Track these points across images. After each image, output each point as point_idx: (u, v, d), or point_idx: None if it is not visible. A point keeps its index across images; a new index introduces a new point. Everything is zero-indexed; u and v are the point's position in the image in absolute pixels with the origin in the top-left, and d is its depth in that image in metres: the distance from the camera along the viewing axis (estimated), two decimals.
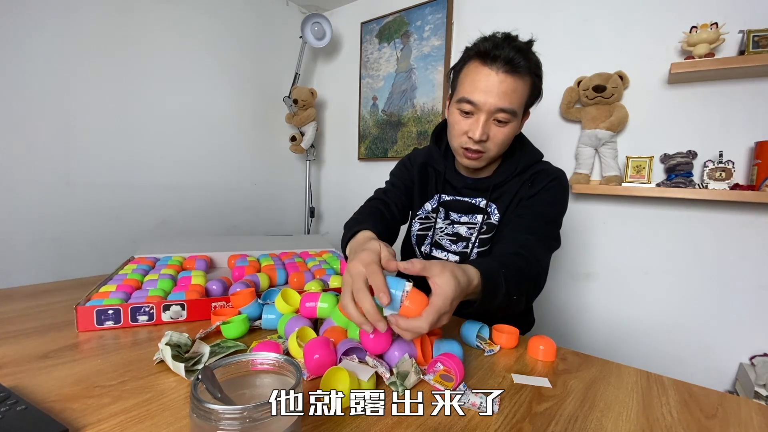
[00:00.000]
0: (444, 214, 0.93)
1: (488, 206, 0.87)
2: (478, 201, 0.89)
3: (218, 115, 1.98)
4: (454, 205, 0.91)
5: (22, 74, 1.37)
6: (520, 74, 0.72)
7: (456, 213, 0.91)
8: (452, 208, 0.91)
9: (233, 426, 0.27)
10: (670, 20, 1.31)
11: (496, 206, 0.87)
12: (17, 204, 1.38)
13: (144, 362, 0.54)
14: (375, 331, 0.51)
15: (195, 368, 0.51)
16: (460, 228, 0.90)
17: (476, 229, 0.88)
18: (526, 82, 0.73)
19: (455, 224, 0.91)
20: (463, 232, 0.90)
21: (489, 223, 0.87)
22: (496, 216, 0.87)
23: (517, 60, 0.70)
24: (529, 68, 0.72)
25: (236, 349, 0.57)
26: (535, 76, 0.75)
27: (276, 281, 0.90)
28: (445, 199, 0.92)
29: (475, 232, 0.88)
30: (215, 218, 1.99)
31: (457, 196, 0.91)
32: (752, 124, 1.21)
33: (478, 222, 0.88)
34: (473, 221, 0.89)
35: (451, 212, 0.92)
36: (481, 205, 0.88)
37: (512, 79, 0.71)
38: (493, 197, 0.87)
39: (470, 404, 0.46)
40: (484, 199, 0.88)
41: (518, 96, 0.73)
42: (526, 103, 0.76)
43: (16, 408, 0.40)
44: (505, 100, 0.72)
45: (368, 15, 2.16)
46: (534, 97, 0.79)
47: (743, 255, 1.24)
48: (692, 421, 0.46)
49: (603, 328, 1.50)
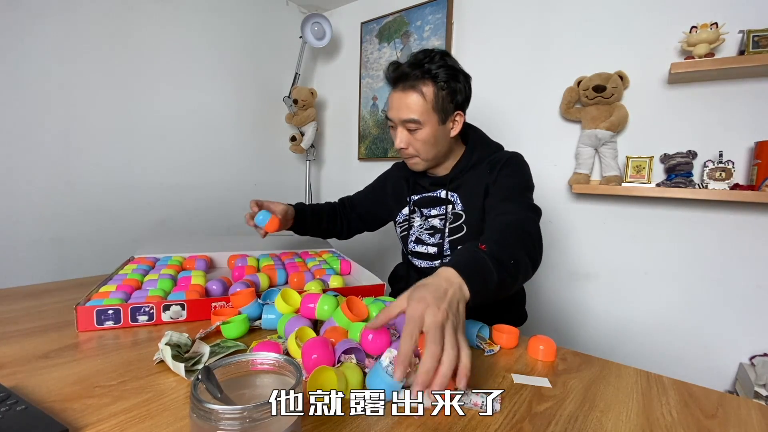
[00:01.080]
0: (419, 213, 1.02)
1: (450, 195, 0.95)
2: (439, 193, 0.98)
3: (218, 114, 1.98)
4: (423, 201, 1.01)
5: (22, 74, 1.37)
6: (415, 86, 0.83)
7: (426, 208, 1.00)
8: (422, 204, 1.01)
9: (233, 426, 0.27)
10: (670, 20, 1.31)
11: (457, 195, 0.95)
12: (17, 204, 1.38)
13: (144, 362, 0.54)
14: (375, 333, 0.52)
15: (195, 368, 0.51)
16: (434, 221, 0.98)
17: (445, 218, 0.96)
18: (426, 90, 0.82)
19: (429, 218, 0.99)
20: (438, 224, 0.97)
21: (455, 213, 0.95)
22: (459, 205, 0.94)
23: (410, 74, 0.83)
24: (425, 77, 0.82)
25: (236, 349, 0.57)
26: (441, 81, 0.82)
27: (276, 281, 0.91)
28: (414, 198, 1.02)
29: (446, 222, 0.96)
30: (215, 218, 1.99)
31: (424, 193, 1.01)
32: (752, 124, 1.21)
33: (448, 212, 0.96)
34: (442, 213, 0.97)
35: (422, 209, 1.01)
36: (441, 195, 0.97)
37: (408, 93, 0.83)
38: (451, 187, 0.95)
39: (472, 404, 0.46)
40: (443, 190, 0.97)
41: (418, 105, 0.83)
42: (436, 107, 0.84)
43: (16, 408, 0.40)
44: (404, 112, 0.84)
45: (368, 15, 2.16)
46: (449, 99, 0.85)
47: (743, 255, 1.24)
48: (692, 421, 0.46)
49: (603, 328, 1.50)
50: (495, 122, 1.70)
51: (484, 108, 1.74)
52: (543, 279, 1.61)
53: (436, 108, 0.84)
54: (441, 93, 0.83)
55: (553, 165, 1.56)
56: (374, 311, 0.62)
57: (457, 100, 0.86)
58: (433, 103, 0.83)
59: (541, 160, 1.58)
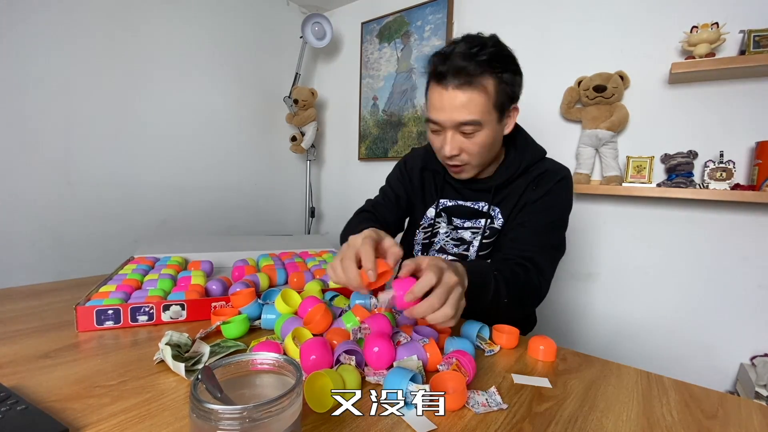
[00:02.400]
0: (447, 219, 0.90)
1: (491, 209, 0.85)
2: (480, 206, 0.86)
3: (218, 114, 1.98)
4: (457, 210, 0.88)
5: (23, 74, 1.37)
6: (473, 82, 0.69)
7: (459, 218, 0.89)
8: (454, 213, 0.89)
9: (233, 426, 0.27)
10: (670, 20, 1.31)
11: (499, 209, 0.85)
12: (18, 203, 1.38)
13: (144, 362, 0.54)
14: (381, 346, 0.51)
15: (195, 368, 0.51)
16: (464, 233, 0.88)
17: (479, 233, 0.86)
18: (486, 85, 0.70)
19: (459, 230, 0.89)
20: (467, 237, 0.88)
21: (492, 228, 0.85)
22: (500, 220, 0.84)
23: (466, 69, 0.69)
24: (484, 70, 0.69)
25: (236, 349, 0.57)
26: (499, 72, 0.71)
27: (276, 281, 0.90)
28: (446, 204, 0.90)
29: (478, 236, 0.87)
30: (215, 218, 1.99)
31: (458, 201, 0.89)
32: (753, 124, 1.21)
33: (482, 227, 0.86)
34: (477, 226, 0.87)
35: (453, 218, 0.89)
36: (483, 209, 0.85)
37: (464, 91, 0.70)
38: (495, 200, 0.85)
39: (478, 404, 0.46)
40: (486, 203, 0.85)
41: (477, 104, 0.70)
42: (497, 103, 0.72)
43: (16, 408, 0.40)
44: (462, 113, 0.71)
45: (369, 15, 2.16)
46: (508, 92, 0.74)
47: (744, 255, 1.24)
48: (692, 421, 0.46)
49: (603, 328, 1.50)
50: None
51: None
52: None
53: (497, 104, 0.72)
54: (502, 86, 0.72)
55: None
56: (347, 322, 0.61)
57: (515, 92, 0.75)
58: (495, 99, 0.71)
59: None
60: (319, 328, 0.59)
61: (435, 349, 0.55)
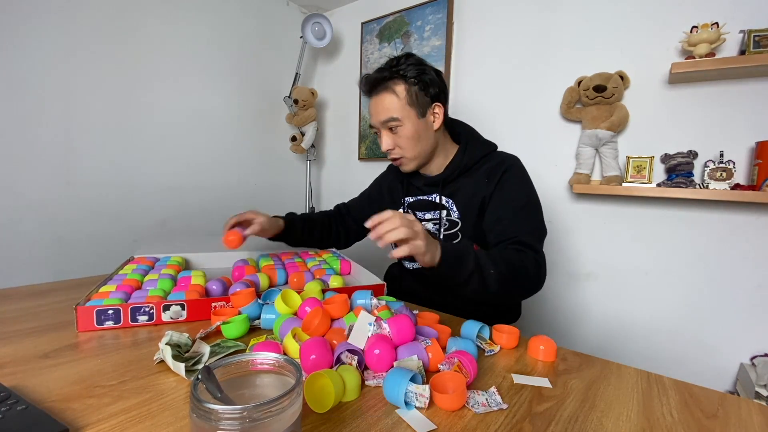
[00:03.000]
0: (413, 214, 0.97)
1: (444, 201, 0.94)
2: (433, 197, 0.97)
3: (218, 114, 1.98)
4: (418, 204, 1.00)
5: (23, 74, 1.37)
6: (386, 88, 0.86)
7: (420, 212, 0.99)
8: (417, 207, 1.00)
9: (233, 426, 0.27)
10: (670, 20, 1.31)
11: (452, 201, 0.94)
12: (18, 204, 1.38)
13: (144, 362, 0.54)
14: (382, 349, 0.51)
15: (195, 368, 0.51)
16: (427, 225, 0.97)
17: (440, 224, 0.95)
18: (397, 88, 0.85)
19: (423, 221, 0.98)
20: (431, 228, 0.97)
21: (450, 220, 0.93)
22: (456, 213, 0.93)
23: (379, 80, 0.86)
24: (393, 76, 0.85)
25: (236, 349, 0.57)
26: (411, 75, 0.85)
27: (276, 281, 0.90)
28: (409, 201, 1.02)
29: (440, 228, 0.95)
30: (215, 218, 1.99)
31: (418, 196, 1.00)
32: (753, 123, 1.21)
33: (442, 218, 0.95)
34: (436, 217, 0.96)
35: (417, 212, 1.00)
36: (436, 199, 0.96)
37: (381, 96, 0.87)
38: (445, 192, 0.94)
39: (478, 404, 0.46)
40: (437, 194, 0.95)
41: (393, 104, 0.85)
42: (412, 101, 0.85)
43: (16, 408, 0.40)
44: (382, 114, 0.87)
45: (368, 15, 2.16)
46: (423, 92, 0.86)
47: (744, 255, 1.24)
48: (693, 421, 0.46)
49: (603, 329, 1.50)
50: (495, 122, 1.70)
51: (484, 108, 1.74)
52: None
53: (411, 102, 0.86)
54: (413, 88, 0.85)
55: (554, 165, 1.56)
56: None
57: (431, 92, 0.87)
58: (407, 98, 0.85)
59: (542, 160, 1.58)
60: (318, 333, 0.59)
61: (437, 350, 0.55)
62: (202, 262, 1.09)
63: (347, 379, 0.46)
